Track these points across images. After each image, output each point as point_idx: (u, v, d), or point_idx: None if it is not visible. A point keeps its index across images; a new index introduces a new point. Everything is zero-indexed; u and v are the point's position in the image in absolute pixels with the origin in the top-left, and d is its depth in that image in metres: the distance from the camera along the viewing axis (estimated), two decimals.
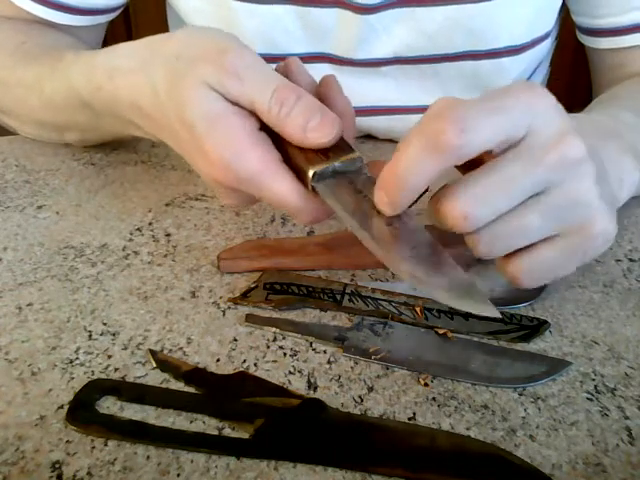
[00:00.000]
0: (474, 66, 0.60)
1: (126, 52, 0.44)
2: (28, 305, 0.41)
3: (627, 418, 0.35)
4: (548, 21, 0.62)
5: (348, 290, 0.42)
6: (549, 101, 0.34)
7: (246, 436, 0.33)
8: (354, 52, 0.60)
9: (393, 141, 0.65)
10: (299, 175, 0.37)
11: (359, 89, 0.61)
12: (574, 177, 0.33)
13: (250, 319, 0.40)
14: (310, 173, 0.36)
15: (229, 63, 0.37)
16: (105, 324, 0.40)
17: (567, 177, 0.33)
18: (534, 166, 0.33)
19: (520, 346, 0.39)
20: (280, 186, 0.37)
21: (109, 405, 0.34)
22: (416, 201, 0.34)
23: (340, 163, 0.36)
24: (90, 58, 0.48)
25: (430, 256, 0.33)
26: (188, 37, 0.40)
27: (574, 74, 1.22)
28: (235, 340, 0.39)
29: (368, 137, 0.66)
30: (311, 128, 0.36)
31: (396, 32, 0.58)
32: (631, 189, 0.44)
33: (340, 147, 0.37)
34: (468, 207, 0.32)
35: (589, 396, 0.36)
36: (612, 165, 0.39)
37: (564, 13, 0.64)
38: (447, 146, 0.31)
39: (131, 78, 0.42)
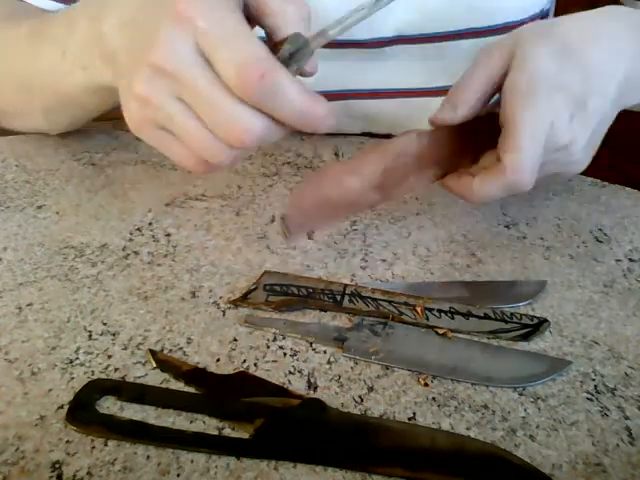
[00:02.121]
0: (476, 44, 0.60)
1: None
2: (28, 305, 0.41)
3: (627, 418, 0.35)
4: None
5: (348, 290, 0.42)
6: None
7: (246, 436, 0.33)
8: (357, 32, 0.59)
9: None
10: None
11: (364, 72, 0.61)
12: None
13: (250, 320, 0.40)
14: None
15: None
16: (105, 324, 0.40)
17: None
18: None
19: (520, 346, 0.39)
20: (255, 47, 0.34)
21: (109, 405, 0.35)
22: None
23: (289, 45, 0.37)
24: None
25: None
26: None
27: None
28: (235, 340, 0.39)
29: (369, 137, 0.66)
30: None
31: (397, 8, 0.58)
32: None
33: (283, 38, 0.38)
34: None
35: (589, 396, 0.36)
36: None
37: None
38: None
39: None
